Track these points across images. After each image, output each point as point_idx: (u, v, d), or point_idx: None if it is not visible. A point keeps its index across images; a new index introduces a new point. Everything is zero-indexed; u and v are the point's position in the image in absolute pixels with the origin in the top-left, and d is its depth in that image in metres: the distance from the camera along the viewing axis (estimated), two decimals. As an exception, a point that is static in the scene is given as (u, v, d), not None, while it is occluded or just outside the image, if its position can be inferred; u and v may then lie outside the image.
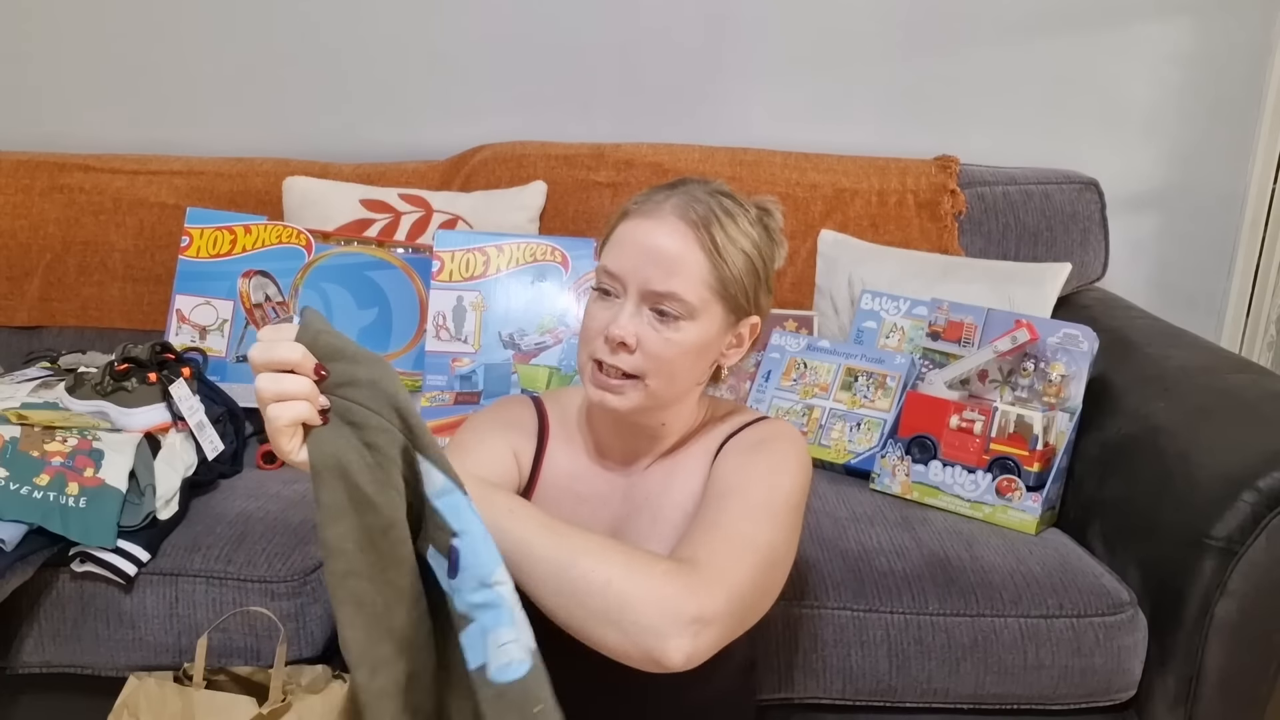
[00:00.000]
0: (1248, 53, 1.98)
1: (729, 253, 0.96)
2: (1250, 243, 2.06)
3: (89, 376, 1.45)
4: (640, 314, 0.95)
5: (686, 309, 0.95)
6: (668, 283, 0.94)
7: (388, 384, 0.71)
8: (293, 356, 0.69)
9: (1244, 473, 1.22)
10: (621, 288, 0.96)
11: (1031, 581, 1.29)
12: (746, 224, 0.99)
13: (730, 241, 0.96)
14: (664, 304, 0.95)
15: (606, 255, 0.98)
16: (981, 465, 1.47)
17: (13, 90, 2.08)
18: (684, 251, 0.95)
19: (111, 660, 1.32)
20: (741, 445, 1.03)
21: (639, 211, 0.98)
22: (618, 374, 0.96)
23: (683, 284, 0.94)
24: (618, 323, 0.95)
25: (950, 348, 1.58)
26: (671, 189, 0.99)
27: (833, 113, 2.04)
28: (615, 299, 0.97)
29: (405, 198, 1.86)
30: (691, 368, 0.98)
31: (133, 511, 1.31)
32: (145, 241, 1.90)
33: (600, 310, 0.97)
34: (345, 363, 0.71)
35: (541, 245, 1.73)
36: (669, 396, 0.99)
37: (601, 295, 0.98)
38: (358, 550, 0.70)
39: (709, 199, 0.97)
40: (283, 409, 0.69)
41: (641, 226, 0.96)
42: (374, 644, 0.71)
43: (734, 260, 0.97)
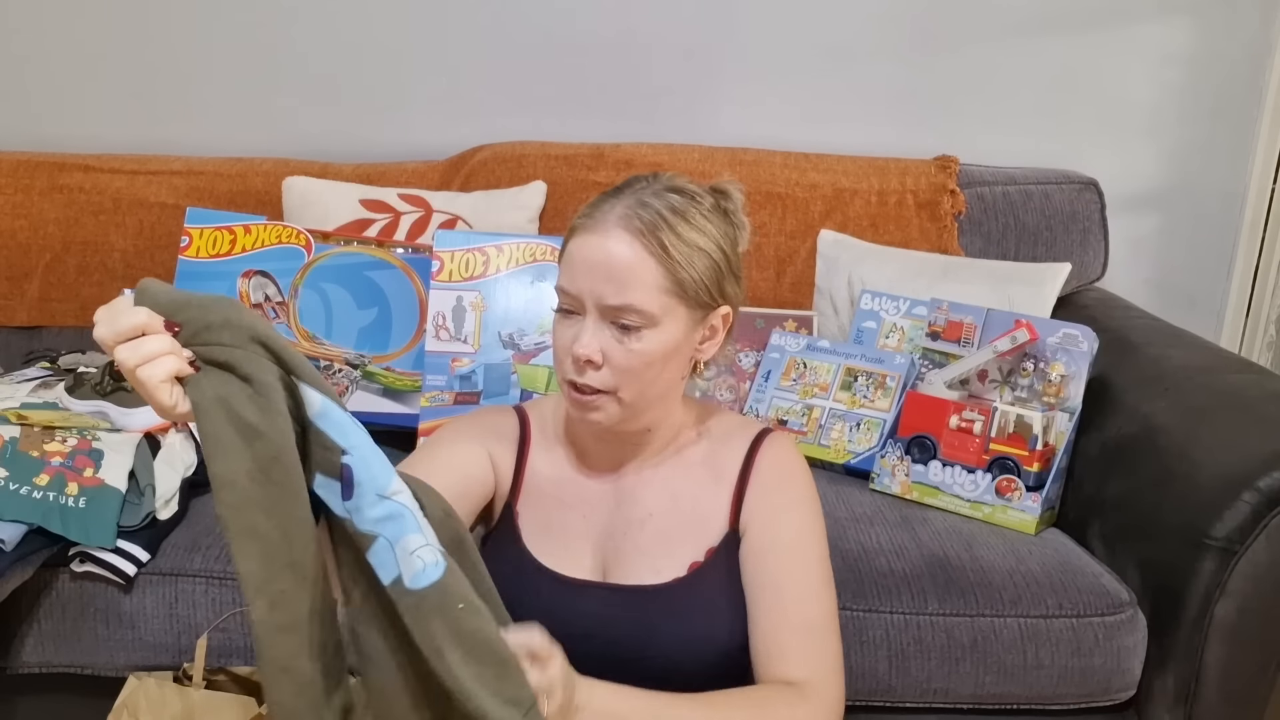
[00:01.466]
0: (1248, 53, 1.98)
1: (682, 253, 0.93)
2: (1250, 243, 2.06)
3: (88, 376, 1.45)
4: (601, 329, 0.94)
5: (646, 318, 0.93)
6: (622, 296, 0.92)
7: (243, 319, 0.70)
8: (138, 319, 0.69)
9: (1244, 473, 1.22)
10: (580, 305, 0.95)
11: (1031, 581, 1.29)
12: (700, 218, 0.96)
13: (682, 242, 0.94)
14: (623, 317, 0.93)
15: (562, 275, 0.97)
16: (981, 465, 1.47)
17: (13, 90, 2.08)
18: (634, 262, 0.92)
19: (111, 660, 1.32)
20: (774, 483, 1.03)
21: (585, 227, 0.96)
22: (591, 391, 0.95)
23: (638, 295, 0.92)
24: (580, 341, 0.93)
25: (950, 348, 1.58)
26: (617, 195, 0.97)
27: (833, 113, 2.04)
28: (576, 316, 0.95)
29: (405, 198, 1.86)
30: (662, 372, 0.97)
31: (132, 511, 1.31)
32: (145, 241, 1.90)
33: (564, 330, 0.96)
34: (194, 310, 0.70)
35: (541, 245, 1.73)
36: (645, 404, 0.98)
37: (564, 315, 0.97)
38: (250, 483, 0.68)
39: (655, 200, 0.95)
40: (151, 368, 0.68)
41: (589, 242, 0.94)
42: (272, 577, 0.69)
43: (689, 260, 0.94)
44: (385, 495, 0.72)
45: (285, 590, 0.70)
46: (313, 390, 0.71)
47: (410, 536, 0.72)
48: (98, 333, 0.70)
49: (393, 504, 0.72)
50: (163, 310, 0.70)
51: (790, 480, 1.04)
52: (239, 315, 0.70)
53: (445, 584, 0.72)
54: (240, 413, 0.68)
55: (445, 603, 0.72)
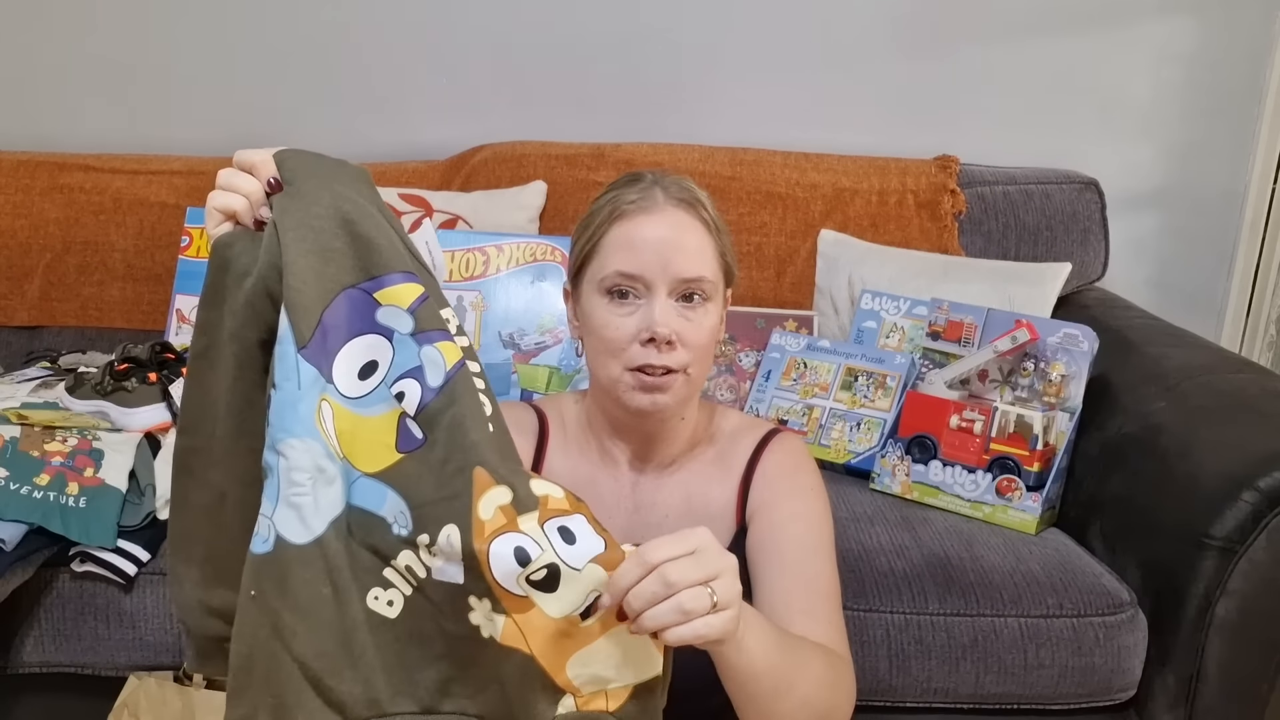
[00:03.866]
0: (1248, 52, 1.98)
1: (721, 227, 1.00)
2: (1250, 242, 2.06)
3: (89, 376, 1.45)
4: (669, 306, 0.95)
5: (711, 289, 0.97)
6: (696, 268, 0.96)
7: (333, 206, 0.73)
8: (253, 158, 0.75)
9: (1244, 472, 1.22)
10: (644, 286, 0.95)
11: (1031, 581, 1.29)
12: (710, 204, 1.02)
13: (718, 217, 1.00)
14: (694, 288, 0.96)
15: (614, 259, 0.96)
16: (981, 465, 1.47)
17: (13, 90, 2.08)
18: (694, 234, 0.97)
19: (111, 660, 1.32)
20: (778, 473, 1.04)
21: (633, 210, 0.97)
22: (663, 371, 0.95)
23: (704, 264, 0.97)
24: (659, 321, 0.94)
25: (950, 347, 1.58)
26: (641, 182, 1.00)
27: (833, 113, 2.04)
28: (635, 300, 0.96)
29: (405, 197, 1.86)
30: (713, 347, 1.00)
31: (133, 511, 1.31)
32: (145, 241, 1.90)
33: (623, 317, 0.96)
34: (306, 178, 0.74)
35: (541, 245, 1.73)
36: (701, 381, 1.01)
37: (616, 300, 0.96)
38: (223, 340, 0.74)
39: (680, 183, 1.00)
40: (221, 197, 0.75)
41: (649, 222, 0.96)
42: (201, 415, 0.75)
43: (723, 230, 1.00)
44: (274, 448, 0.72)
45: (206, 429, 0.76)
46: (285, 320, 0.72)
47: (265, 499, 0.73)
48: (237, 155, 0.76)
49: (273, 458, 0.72)
50: (286, 170, 0.74)
51: (797, 472, 1.04)
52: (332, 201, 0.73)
53: (258, 564, 0.72)
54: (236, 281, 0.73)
55: (249, 578, 0.72)
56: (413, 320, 0.73)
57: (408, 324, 0.73)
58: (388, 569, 0.73)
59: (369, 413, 0.73)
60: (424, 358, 0.73)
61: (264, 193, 0.74)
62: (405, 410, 0.73)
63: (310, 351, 0.71)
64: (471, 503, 0.70)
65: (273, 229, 0.72)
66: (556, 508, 0.71)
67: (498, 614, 0.71)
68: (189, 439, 0.76)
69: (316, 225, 0.72)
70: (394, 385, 0.73)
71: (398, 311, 0.72)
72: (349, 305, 0.72)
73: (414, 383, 0.73)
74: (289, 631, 0.71)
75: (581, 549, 0.70)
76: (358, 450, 0.73)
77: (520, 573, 0.70)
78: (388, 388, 0.73)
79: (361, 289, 0.72)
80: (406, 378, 0.73)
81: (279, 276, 0.71)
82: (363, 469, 0.73)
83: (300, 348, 0.71)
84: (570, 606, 0.71)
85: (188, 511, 0.78)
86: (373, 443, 0.73)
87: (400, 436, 0.73)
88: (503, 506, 0.71)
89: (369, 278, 0.72)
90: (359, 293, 0.72)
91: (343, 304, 0.72)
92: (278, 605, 0.71)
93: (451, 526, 0.71)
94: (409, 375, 0.73)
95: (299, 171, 0.74)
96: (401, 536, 0.73)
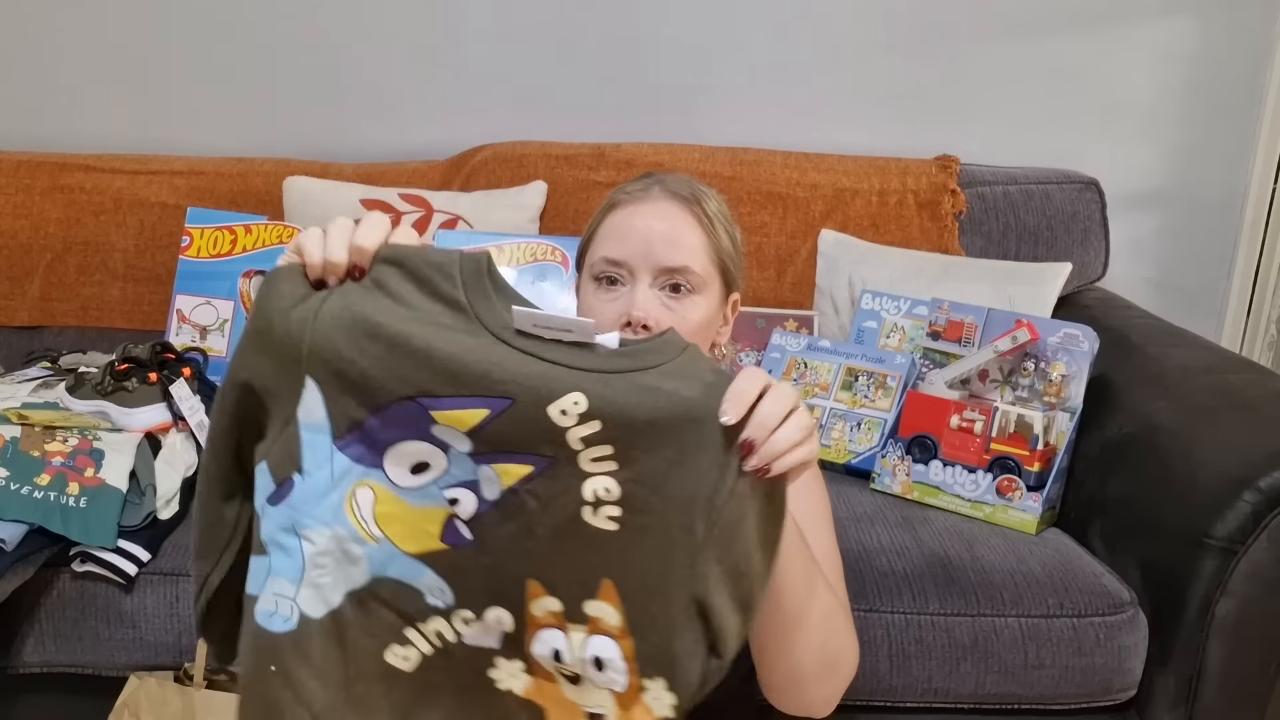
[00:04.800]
0: (1248, 53, 1.98)
1: (719, 225, 1.01)
2: (1251, 242, 2.06)
3: (89, 376, 1.45)
4: (652, 294, 0.97)
5: (698, 281, 0.98)
6: (680, 257, 0.97)
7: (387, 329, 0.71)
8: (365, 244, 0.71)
9: (1245, 472, 1.22)
10: (629, 273, 0.97)
11: (1032, 581, 1.29)
12: (718, 204, 1.03)
13: (716, 215, 1.01)
14: (677, 278, 0.97)
15: (603, 246, 1.00)
16: (982, 465, 1.47)
17: (13, 90, 2.08)
18: (684, 227, 0.98)
19: (112, 660, 1.32)
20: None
21: (628, 200, 1.01)
22: None
23: (691, 256, 0.98)
24: (637, 305, 0.95)
25: (950, 347, 1.58)
26: (647, 178, 1.03)
27: (833, 113, 2.04)
28: (620, 287, 0.98)
29: (405, 197, 1.86)
30: (702, 343, 1.00)
31: (133, 511, 1.31)
32: (146, 241, 1.90)
33: (607, 301, 0.98)
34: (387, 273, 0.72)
35: (542, 245, 1.73)
36: None
37: (605, 286, 0.99)
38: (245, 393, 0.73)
39: (687, 181, 1.03)
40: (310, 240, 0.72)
41: (639, 211, 0.99)
42: (214, 455, 0.75)
43: (722, 233, 1.01)
44: (298, 533, 0.73)
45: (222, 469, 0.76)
46: (321, 404, 0.71)
47: (285, 582, 0.73)
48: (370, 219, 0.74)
49: (296, 542, 0.73)
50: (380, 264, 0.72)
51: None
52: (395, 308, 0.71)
53: (279, 642, 0.73)
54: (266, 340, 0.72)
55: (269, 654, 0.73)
56: (472, 443, 0.71)
57: (465, 445, 0.71)
58: (410, 629, 0.74)
59: (415, 503, 0.73)
60: (481, 475, 0.72)
61: (345, 272, 0.72)
62: (457, 514, 0.73)
63: (346, 442, 0.72)
64: (524, 602, 0.73)
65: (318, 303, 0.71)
66: (605, 628, 0.73)
67: (526, 674, 0.74)
68: (209, 455, 0.76)
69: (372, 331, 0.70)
70: (447, 490, 0.72)
71: (455, 433, 0.71)
72: (402, 414, 0.71)
73: (469, 493, 0.72)
74: (300, 685, 0.73)
75: (605, 679, 0.73)
76: (399, 531, 0.73)
77: (553, 662, 0.73)
78: (439, 489, 0.72)
79: (418, 403, 0.70)
80: (461, 487, 0.72)
81: (284, 332, 0.71)
82: (403, 548, 0.73)
83: (335, 438, 0.71)
84: (582, 702, 0.74)
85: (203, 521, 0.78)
86: (415, 528, 0.73)
87: (446, 530, 0.73)
88: (554, 612, 0.73)
89: (425, 394, 0.70)
90: (415, 405, 0.70)
91: (396, 412, 0.71)
92: (296, 671, 0.73)
93: (503, 611, 0.73)
94: (464, 485, 0.72)
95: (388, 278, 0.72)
96: (437, 608, 0.74)
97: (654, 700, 0.73)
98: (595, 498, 0.71)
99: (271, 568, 0.73)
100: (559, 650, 0.73)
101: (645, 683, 0.73)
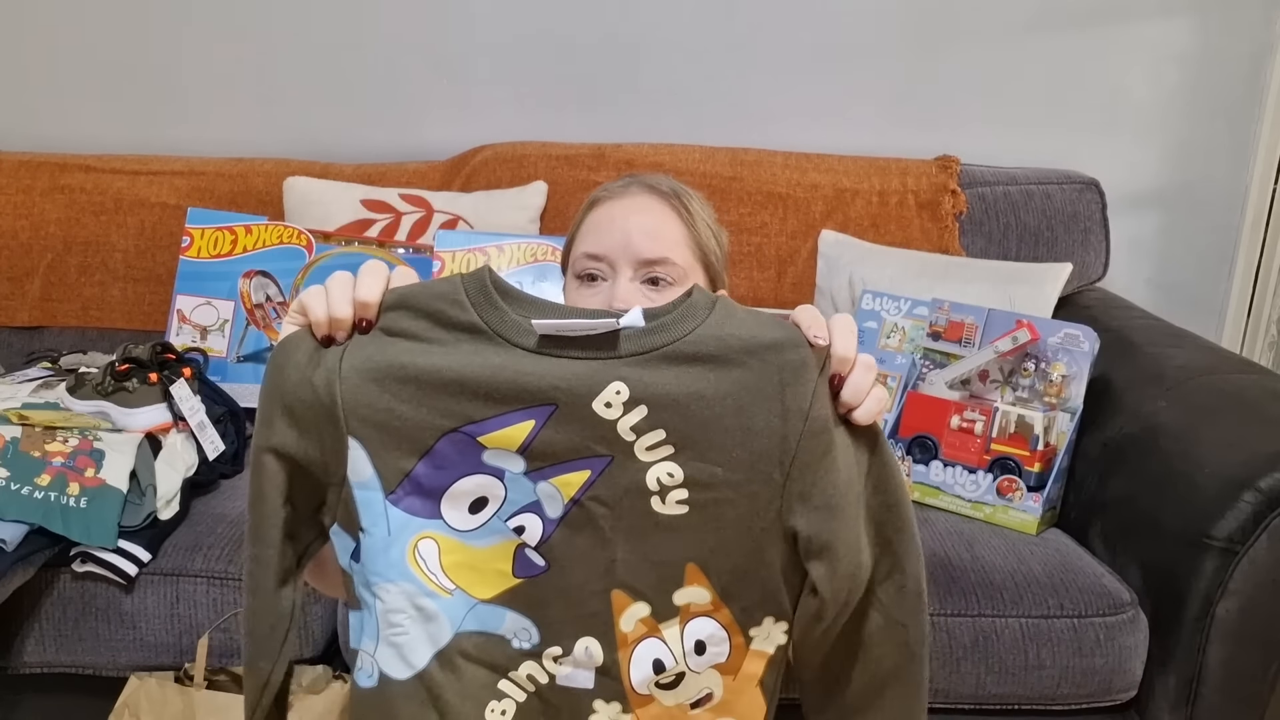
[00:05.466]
0: (1248, 53, 1.98)
1: (700, 219, 1.01)
2: (1251, 243, 2.05)
3: (90, 377, 1.45)
4: (633, 288, 0.97)
5: (678, 273, 0.97)
6: (659, 249, 0.97)
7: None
8: (367, 298, 0.72)
9: (1245, 473, 1.21)
10: (609, 267, 0.97)
11: (1032, 581, 1.29)
12: (700, 203, 1.04)
13: (699, 211, 1.02)
14: (657, 270, 0.97)
15: (585, 242, 1.00)
16: (982, 465, 1.47)
17: (13, 90, 2.08)
18: (664, 220, 0.99)
19: (112, 660, 1.32)
20: None
21: (608, 197, 1.02)
22: None
23: (671, 248, 0.98)
24: (618, 298, 0.95)
25: (951, 348, 1.58)
26: (628, 178, 1.04)
27: (833, 113, 2.04)
28: (601, 282, 0.98)
29: (406, 198, 1.86)
30: None
31: (133, 512, 1.31)
32: (146, 242, 1.90)
33: (589, 296, 0.98)
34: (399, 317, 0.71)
35: (542, 245, 1.73)
36: None
37: (585, 282, 0.99)
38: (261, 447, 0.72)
39: (668, 179, 1.04)
40: (314, 298, 0.73)
41: (618, 206, 1.00)
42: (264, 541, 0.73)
43: (704, 227, 1.01)
44: (370, 588, 0.73)
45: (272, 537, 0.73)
46: (369, 466, 0.71)
47: (366, 639, 0.74)
48: (369, 264, 0.74)
49: (371, 598, 0.73)
50: (390, 300, 0.72)
51: None
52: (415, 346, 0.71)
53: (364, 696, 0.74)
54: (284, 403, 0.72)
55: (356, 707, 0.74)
56: (525, 461, 0.71)
57: (519, 465, 0.71)
58: (503, 681, 0.74)
59: (481, 544, 0.73)
60: (540, 493, 0.71)
61: (351, 327, 0.72)
62: (525, 542, 0.72)
63: (400, 496, 0.71)
64: (612, 620, 0.72)
65: (336, 361, 0.71)
66: (698, 610, 0.73)
67: (625, 714, 0.74)
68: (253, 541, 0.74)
69: (400, 374, 0.70)
70: (510, 519, 0.72)
71: (506, 454, 0.70)
72: (451, 448, 0.70)
73: (534, 517, 0.72)
74: None
75: (708, 658, 0.73)
76: (471, 579, 0.73)
77: (653, 679, 0.73)
78: (502, 521, 0.72)
79: (463, 433, 0.70)
80: (524, 513, 0.72)
81: (314, 399, 0.70)
82: (478, 596, 0.73)
83: (388, 493, 0.71)
84: (685, 698, 0.74)
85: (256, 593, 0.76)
86: (487, 571, 0.73)
87: (517, 563, 0.73)
88: (644, 619, 0.73)
89: (469, 422, 0.70)
90: (461, 436, 0.70)
91: (444, 448, 0.71)
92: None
93: (591, 639, 0.73)
94: (526, 510, 0.72)
95: (399, 321, 0.72)
96: (524, 649, 0.74)
97: (763, 641, 0.74)
98: (660, 485, 0.70)
99: (362, 623, 0.74)
100: (660, 660, 0.73)
101: (751, 632, 0.73)
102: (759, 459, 0.69)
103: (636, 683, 0.73)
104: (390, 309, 0.72)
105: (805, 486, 0.70)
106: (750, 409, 0.69)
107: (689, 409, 0.69)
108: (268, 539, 0.72)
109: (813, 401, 0.69)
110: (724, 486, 0.70)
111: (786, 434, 0.69)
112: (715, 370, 0.69)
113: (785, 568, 0.72)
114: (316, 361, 0.71)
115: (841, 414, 0.71)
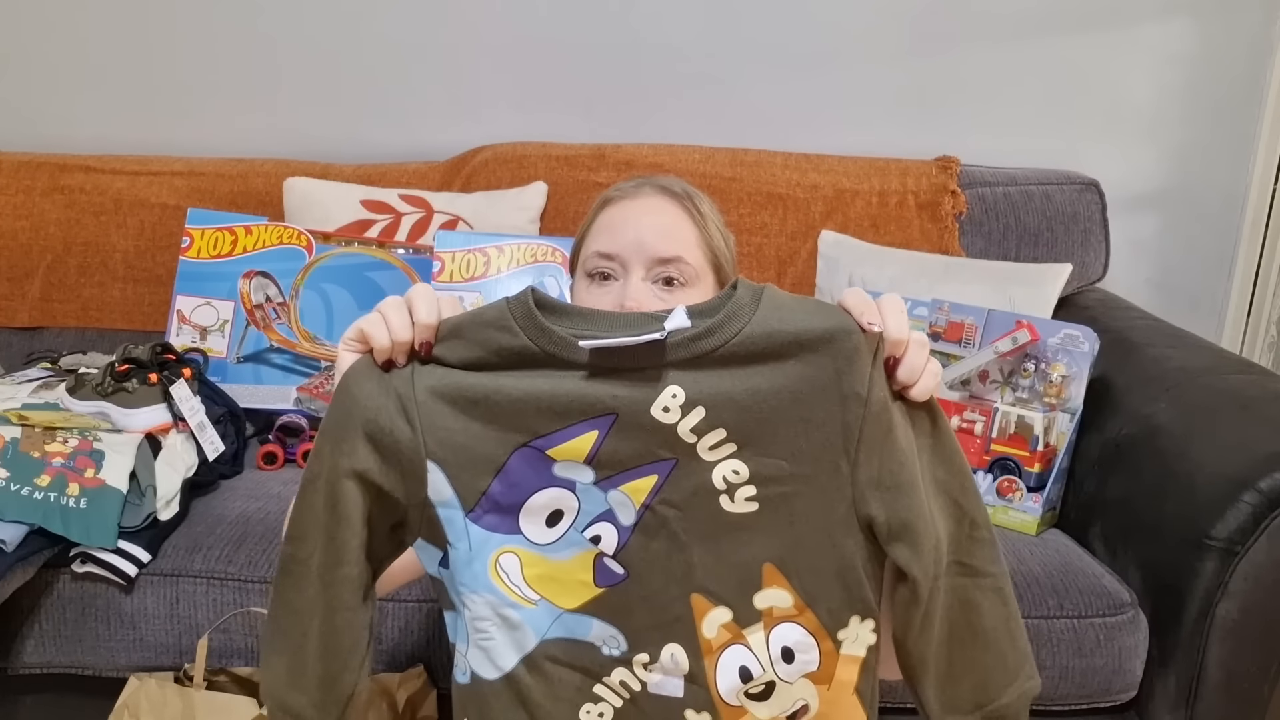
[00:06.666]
0: (1248, 53, 1.98)
1: (711, 221, 1.01)
2: (1251, 243, 2.06)
3: (90, 377, 1.45)
4: (645, 287, 0.97)
5: (691, 273, 0.97)
6: (673, 248, 0.97)
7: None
8: (425, 319, 0.73)
9: (1245, 473, 1.21)
10: (621, 266, 0.97)
11: (1032, 582, 1.29)
12: (710, 205, 1.04)
13: (709, 212, 1.02)
14: (671, 269, 0.97)
15: (597, 241, 1.00)
16: (982, 466, 1.47)
17: (14, 91, 2.08)
18: (677, 220, 0.99)
19: (112, 661, 1.32)
20: None
21: (620, 197, 1.02)
22: None
23: (684, 248, 0.98)
24: (630, 297, 0.95)
25: (951, 348, 1.58)
26: (640, 179, 1.04)
27: (833, 113, 2.04)
28: (614, 280, 0.98)
29: (406, 198, 1.86)
30: None
31: (133, 512, 1.31)
32: (146, 242, 1.90)
33: (600, 295, 0.98)
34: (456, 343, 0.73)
35: (542, 246, 1.73)
36: None
37: (597, 281, 0.99)
38: (322, 473, 0.73)
39: (679, 181, 1.04)
40: (372, 324, 0.73)
41: (631, 207, 1.00)
42: (305, 533, 0.74)
43: (715, 230, 1.01)
44: (458, 596, 0.75)
45: (310, 547, 0.75)
46: (448, 486, 0.72)
47: (459, 641, 0.77)
48: (418, 287, 0.76)
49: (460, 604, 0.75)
50: (443, 331, 0.73)
51: None
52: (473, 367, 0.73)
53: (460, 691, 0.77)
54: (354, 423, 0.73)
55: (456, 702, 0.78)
56: (593, 471, 0.72)
57: (588, 475, 0.72)
58: (598, 685, 0.75)
59: (561, 557, 0.74)
60: (612, 502, 0.73)
61: (411, 351, 0.74)
62: (603, 551, 0.73)
63: (479, 514, 0.73)
64: (695, 626, 0.73)
65: (408, 387, 0.72)
66: (782, 614, 0.73)
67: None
68: (293, 548, 0.75)
69: (470, 397, 0.72)
70: (586, 530, 0.73)
71: (575, 465, 0.72)
72: (524, 463, 0.72)
73: (608, 525, 0.73)
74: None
75: (798, 666, 0.73)
76: (555, 590, 0.74)
77: (741, 688, 0.73)
78: (579, 533, 0.74)
79: (533, 447, 0.72)
80: (599, 522, 0.73)
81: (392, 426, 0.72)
82: (564, 606, 0.74)
83: (467, 512, 0.73)
84: (779, 710, 0.74)
85: (282, 609, 0.77)
86: (569, 582, 0.74)
87: (598, 573, 0.74)
88: (726, 624, 0.73)
89: (536, 436, 0.71)
90: (531, 451, 0.72)
91: (516, 464, 0.72)
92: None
93: (676, 646, 0.73)
94: (601, 519, 0.73)
95: (455, 350, 0.73)
96: (614, 656, 0.75)
97: (853, 644, 0.74)
98: (726, 483, 0.71)
99: (456, 624, 0.77)
100: (746, 667, 0.73)
101: (839, 635, 0.73)
102: (823, 450, 0.70)
103: (724, 692, 0.73)
104: (445, 339, 0.74)
105: (873, 471, 0.70)
106: (808, 400, 0.70)
107: (746, 405, 0.70)
108: (352, 559, 0.74)
109: (870, 386, 0.70)
110: (791, 480, 0.71)
111: (848, 421, 0.70)
112: (769, 366, 0.70)
113: (865, 561, 0.72)
114: (386, 388, 0.73)
115: (897, 391, 0.72)
